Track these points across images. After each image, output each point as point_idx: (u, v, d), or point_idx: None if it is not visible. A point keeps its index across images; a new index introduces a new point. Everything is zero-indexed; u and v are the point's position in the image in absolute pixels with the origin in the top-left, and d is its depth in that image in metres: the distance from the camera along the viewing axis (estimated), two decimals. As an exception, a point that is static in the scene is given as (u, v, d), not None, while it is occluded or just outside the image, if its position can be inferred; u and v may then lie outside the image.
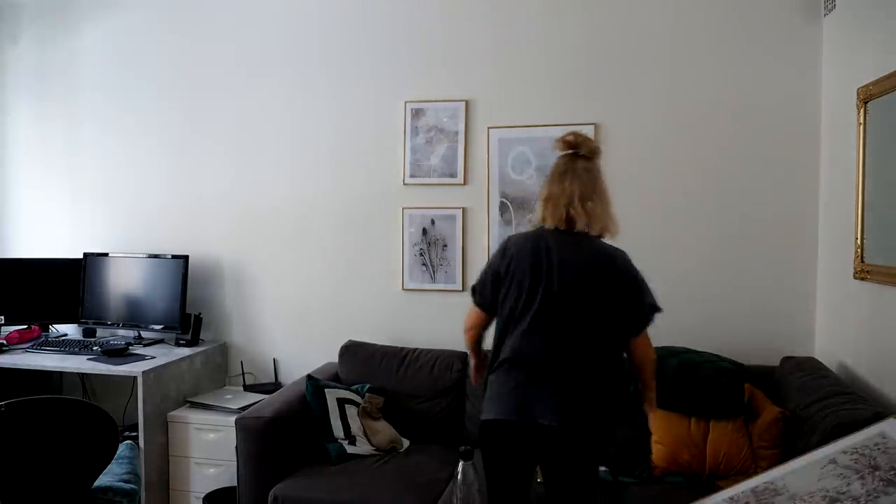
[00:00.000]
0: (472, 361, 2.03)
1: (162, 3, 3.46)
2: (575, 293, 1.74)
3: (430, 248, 3.18)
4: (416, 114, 3.16)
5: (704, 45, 2.89)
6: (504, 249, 1.87)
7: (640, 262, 2.93)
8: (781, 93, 2.82)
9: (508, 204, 3.06)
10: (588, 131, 2.97)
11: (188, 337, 3.23)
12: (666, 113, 2.92)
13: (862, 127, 2.32)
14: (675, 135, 2.92)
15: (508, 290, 1.80)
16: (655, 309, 1.81)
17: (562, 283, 1.74)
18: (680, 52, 2.91)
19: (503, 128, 3.05)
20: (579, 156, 1.90)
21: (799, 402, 2.26)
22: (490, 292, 1.86)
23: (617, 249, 1.83)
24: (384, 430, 2.76)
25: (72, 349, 3.13)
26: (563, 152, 1.92)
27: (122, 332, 3.41)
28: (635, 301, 1.79)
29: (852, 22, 2.52)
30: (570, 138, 1.91)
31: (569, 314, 1.73)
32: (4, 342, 3.16)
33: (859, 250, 2.36)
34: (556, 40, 3.02)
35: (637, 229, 2.95)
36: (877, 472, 0.93)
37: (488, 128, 3.07)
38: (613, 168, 2.96)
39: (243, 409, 2.83)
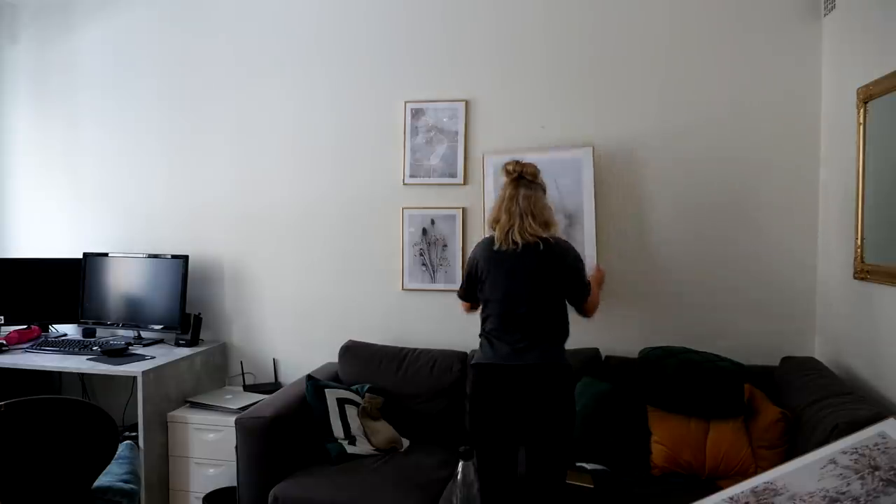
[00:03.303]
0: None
1: (162, 2, 3.46)
2: (532, 283, 2.17)
3: (430, 248, 3.18)
4: (416, 114, 3.16)
5: (704, 46, 2.89)
6: (472, 258, 2.32)
7: (639, 261, 2.95)
8: (781, 93, 2.82)
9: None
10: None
11: (188, 337, 3.23)
12: (666, 113, 2.92)
13: (862, 127, 2.32)
14: (675, 135, 2.92)
15: (483, 285, 2.25)
16: (588, 286, 2.30)
17: (520, 279, 2.17)
18: (680, 52, 2.91)
19: (498, 154, 2.92)
20: (522, 179, 2.22)
21: (799, 402, 2.26)
22: (467, 289, 2.36)
23: (566, 246, 2.23)
24: (384, 430, 2.76)
25: (72, 349, 3.13)
26: (509, 178, 2.24)
27: (121, 332, 3.41)
28: (577, 284, 2.26)
29: (852, 22, 2.52)
30: (510, 167, 2.24)
31: (535, 298, 2.16)
32: (4, 342, 3.16)
33: (859, 250, 2.36)
34: (556, 40, 3.02)
35: (636, 229, 2.96)
36: (877, 472, 0.93)
37: (483, 154, 3.02)
38: (612, 168, 2.98)
39: (243, 409, 2.83)
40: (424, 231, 3.18)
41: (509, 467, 2.16)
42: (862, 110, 2.32)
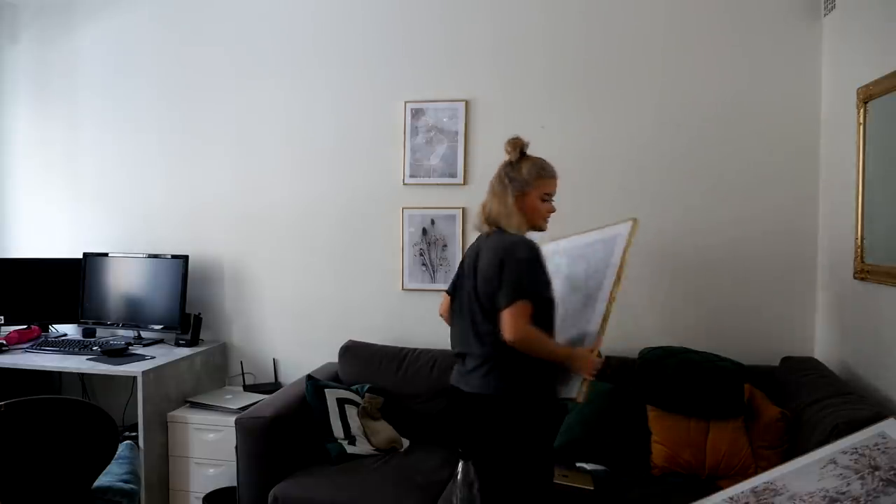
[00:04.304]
0: None
1: (162, 3, 3.46)
2: (478, 283, 1.95)
3: (430, 248, 3.18)
4: (416, 114, 3.16)
5: (704, 46, 2.89)
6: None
7: (639, 263, 2.94)
8: (781, 93, 2.82)
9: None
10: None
11: (188, 337, 3.23)
12: (665, 114, 2.92)
13: (862, 127, 2.32)
14: (674, 135, 2.92)
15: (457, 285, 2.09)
16: (522, 292, 1.85)
17: (472, 277, 1.98)
18: (679, 52, 2.91)
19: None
20: (511, 162, 2.03)
21: (799, 402, 2.26)
22: (454, 282, 2.15)
23: (515, 239, 1.93)
24: (384, 430, 2.76)
25: (72, 349, 3.12)
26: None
27: (121, 332, 3.41)
28: (507, 278, 1.87)
29: (852, 22, 2.52)
30: (505, 145, 2.04)
31: (474, 300, 1.96)
32: (4, 342, 3.15)
33: (859, 250, 2.36)
34: (556, 40, 3.02)
35: (638, 230, 2.95)
36: (877, 472, 0.93)
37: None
38: (611, 168, 2.98)
39: (243, 409, 2.83)
40: (424, 231, 3.18)
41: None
42: (862, 110, 2.32)
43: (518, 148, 2.02)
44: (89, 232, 3.58)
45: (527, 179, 1.98)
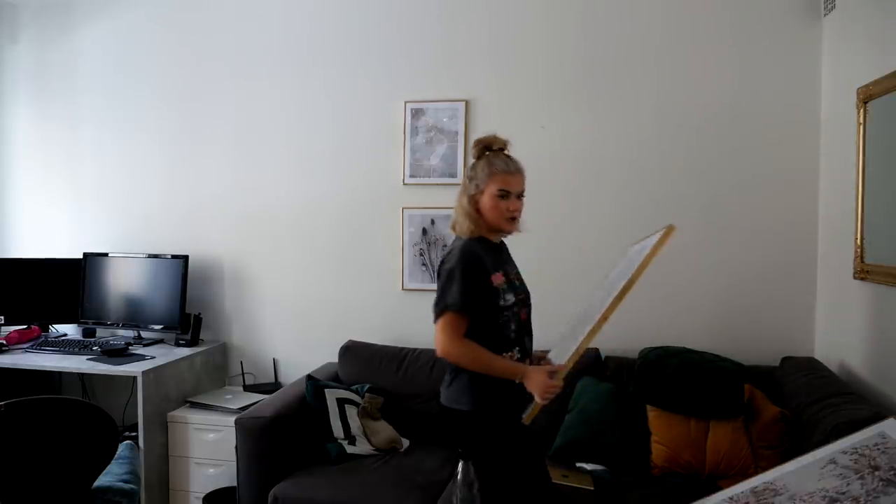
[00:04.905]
0: None
1: (162, 2, 3.46)
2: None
3: (430, 248, 3.18)
4: (416, 114, 3.16)
5: (703, 46, 2.89)
6: None
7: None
8: (781, 93, 2.82)
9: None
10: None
11: (188, 337, 3.23)
12: (665, 113, 2.92)
13: (862, 127, 2.32)
14: (674, 135, 2.92)
15: None
16: (445, 306, 1.75)
17: None
18: (679, 52, 2.91)
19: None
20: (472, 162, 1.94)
21: (799, 402, 2.26)
22: None
23: (453, 247, 1.87)
24: (384, 430, 2.76)
25: (71, 349, 3.12)
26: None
27: (121, 332, 3.41)
28: (438, 289, 1.81)
29: (851, 22, 2.52)
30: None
31: None
32: (4, 342, 3.15)
33: (859, 250, 2.36)
34: (555, 40, 3.02)
35: (637, 230, 2.95)
36: (877, 472, 0.93)
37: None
38: (611, 168, 2.98)
39: (243, 409, 2.83)
40: (424, 231, 3.18)
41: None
42: (862, 110, 2.32)
43: (480, 146, 1.91)
44: (89, 232, 3.58)
45: (480, 178, 1.86)
